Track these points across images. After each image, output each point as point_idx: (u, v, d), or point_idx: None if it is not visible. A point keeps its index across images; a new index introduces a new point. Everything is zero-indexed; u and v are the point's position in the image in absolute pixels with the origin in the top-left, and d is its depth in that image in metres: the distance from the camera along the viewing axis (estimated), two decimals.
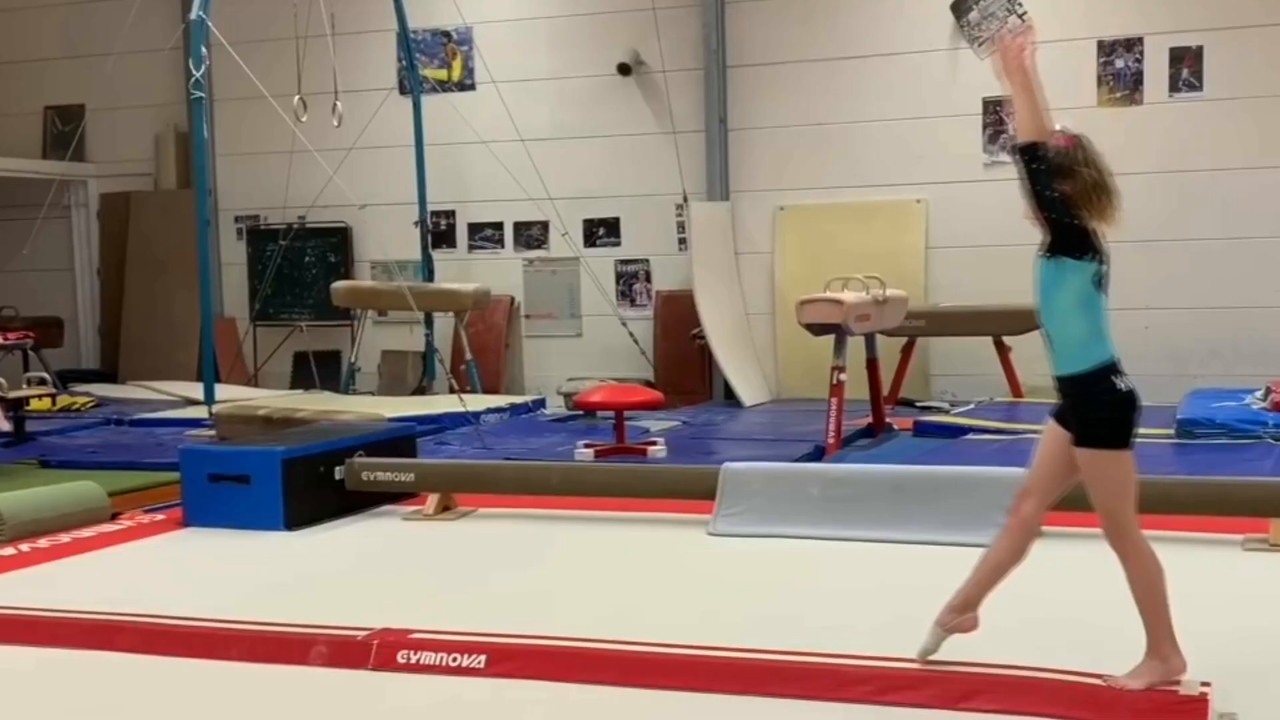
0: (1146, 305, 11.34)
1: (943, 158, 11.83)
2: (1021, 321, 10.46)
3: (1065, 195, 3.72)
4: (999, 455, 7.57)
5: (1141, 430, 3.81)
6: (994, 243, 11.66)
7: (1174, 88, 11.24)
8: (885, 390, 9.75)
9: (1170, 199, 11.21)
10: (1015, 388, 10.54)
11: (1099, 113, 11.40)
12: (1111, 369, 3.71)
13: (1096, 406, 3.70)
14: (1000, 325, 10.60)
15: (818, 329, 8.63)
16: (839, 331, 8.56)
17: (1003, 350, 10.61)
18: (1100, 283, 3.79)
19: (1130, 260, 11.32)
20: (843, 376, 8.53)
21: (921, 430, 9.11)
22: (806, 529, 5.85)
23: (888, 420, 9.36)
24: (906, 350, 10.87)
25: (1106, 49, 11.40)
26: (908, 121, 11.93)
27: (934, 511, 5.75)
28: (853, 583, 5.14)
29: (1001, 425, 8.95)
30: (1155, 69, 11.28)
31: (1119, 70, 11.36)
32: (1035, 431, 8.42)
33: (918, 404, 10.78)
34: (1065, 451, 3.80)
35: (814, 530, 5.83)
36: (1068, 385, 3.76)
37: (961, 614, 3.93)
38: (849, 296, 8.65)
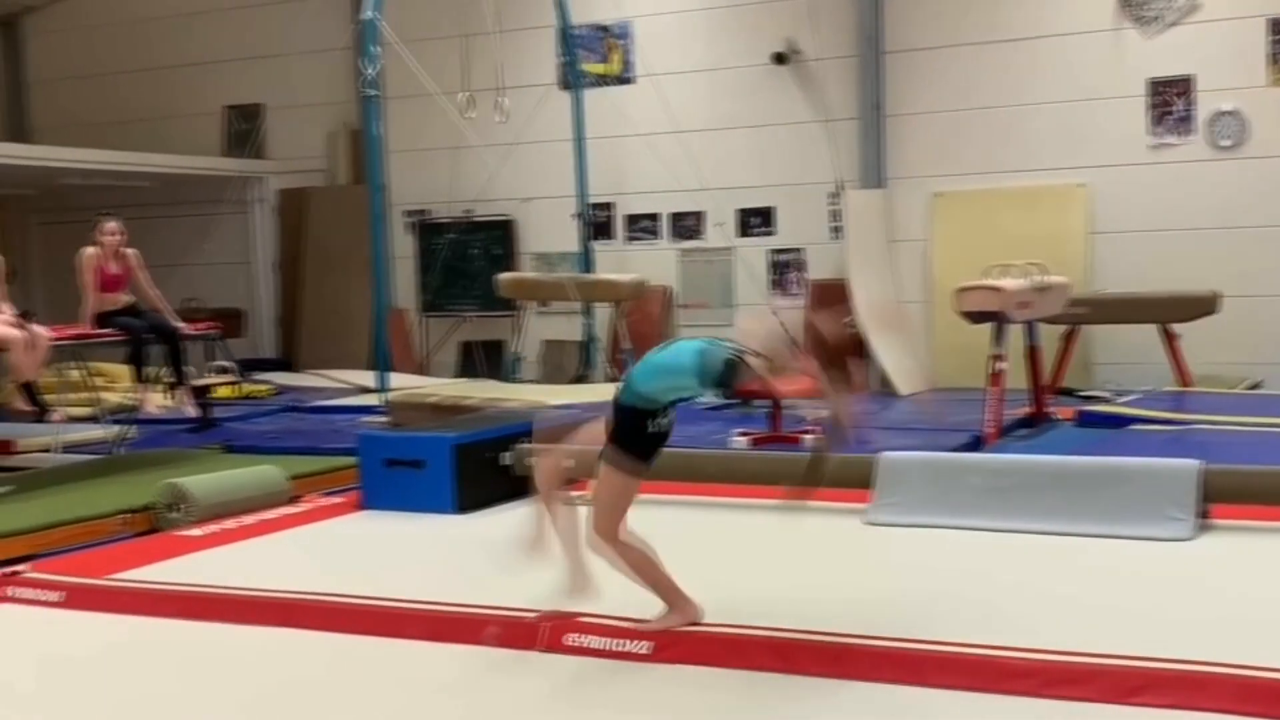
0: None
1: (1106, 140, 11.60)
2: (1189, 308, 10.26)
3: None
4: (1166, 446, 7.43)
5: None
6: (1160, 227, 11.42)
7: None
8: (1046, 379, 9.61)
9: None
10: (1183, 376, 10.28)
11: (1269, 93, 11.05)
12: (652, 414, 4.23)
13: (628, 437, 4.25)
14: (1167, 312, 10.35)
15: (976, 317, 8.54)
16: (999, 319, 8.46)
17: (1170, 338, 10.35)
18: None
19: None
20: (1002, 365, 8.43)
21: (1084, 420, 8.93)
22: (966, 519, 5.81)
23: (1049, 410, 9.23)
24: (1068, 338, 10.67)
25: (1277, 27, 11.00)
26: (1069, 104, 11.73)
27: (1098, 503, 5.68)
28: (1014, 574, 5.11)
29: (1169, 415, 8.74)
30: None
31: None
32: (1204, 422, 8.30)
33: (1080, 393, 10.58)
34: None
35: (974, 521, 5.79)
36: (618, 411, 4.29)
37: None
38: (1009, 283, 8.53)
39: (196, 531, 6.29)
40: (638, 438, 4.28)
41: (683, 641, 4.17)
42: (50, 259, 15.86)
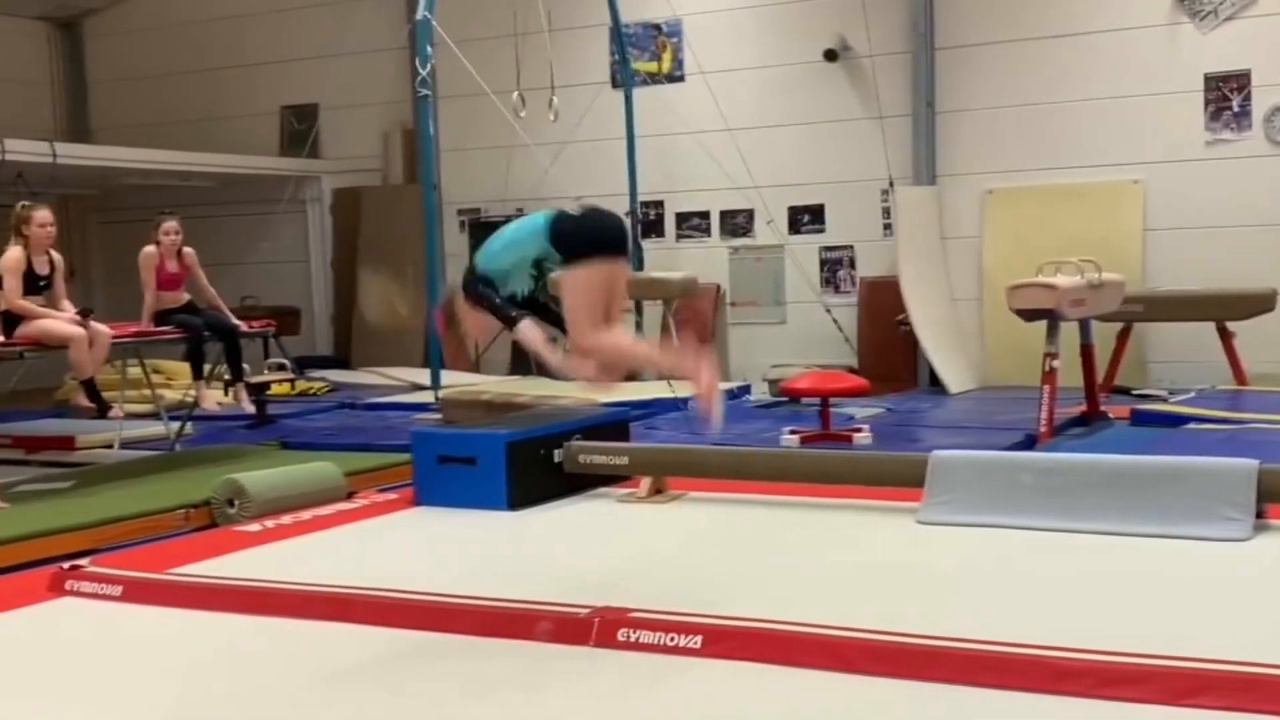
0: None
1: (1161, 136, 11.49)
2: (1245, 306, 10.16)
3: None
4: (1222, 446, 7.37)
5: None
6: (1216, 224, 11.30)
7: None
8: (1100, 377, 9.54)
9: None
10: (1239, 375, 10.17)
11: None
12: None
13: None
14: (1223, 310, 10.24)
15: (1029, 314, 8.49)
16: (1052, 317, 8.40)
17: (1225, 336, 10.25)
18: None
19: None
20: (1055, 363, 8.38)
21: (1139, 419, 8.88)
22: (1019, 519, 5.77)
23: (1102, 408, 9.17)
24: (1123, 336, 10.59)
25: None
26: (1124, 99, 11.63)
27: (1153, 503, 5.62)
28: (1068, 574, 5.08)
29: (1224, 414, 8.67)
30: None
31: None
32: (1261, 421, 8.21)
33: (1134, 392, 10.52)
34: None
35: (1027, 520, 5.75)
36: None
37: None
38: (1063, 281, 8.48)
39: (254, 527, 6.36)
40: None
41: (735, 638, 4.19)
42: (109, 258, 16.15)
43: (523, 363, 13.95)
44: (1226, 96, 11.27)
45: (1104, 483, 5.85)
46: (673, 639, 4.21)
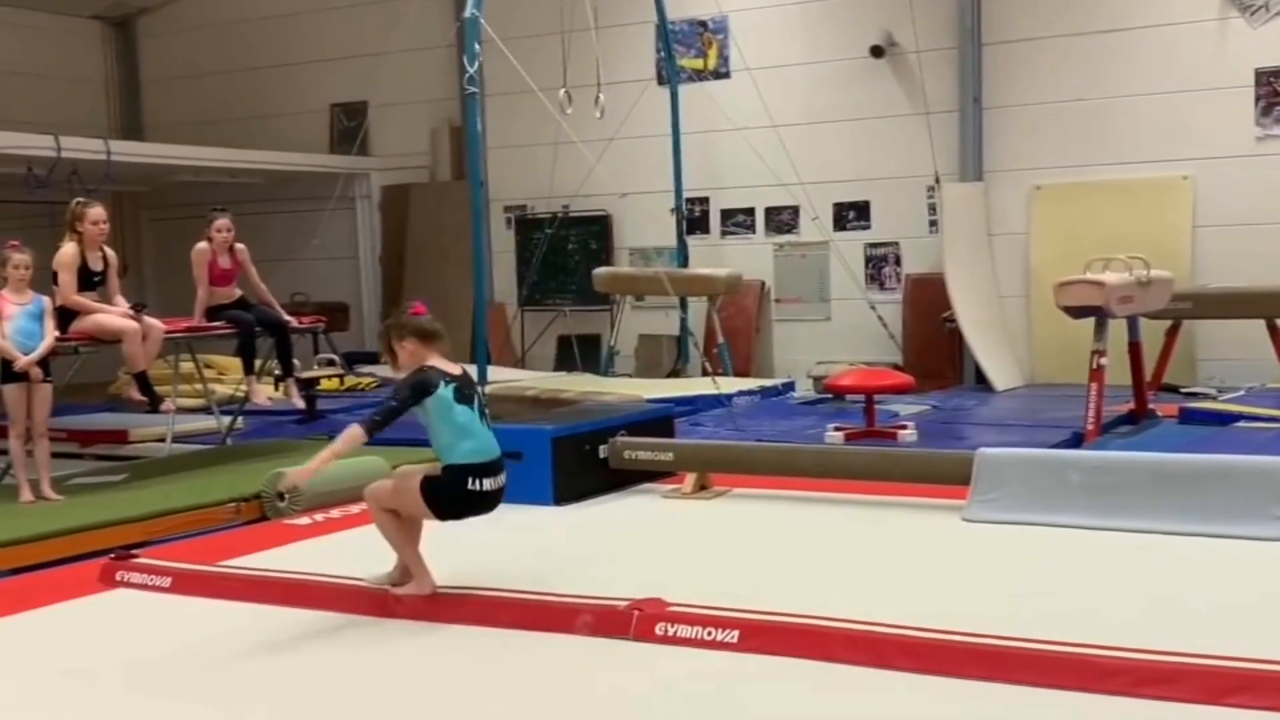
0: None
1: (1211, 132, 11.36)
2: None
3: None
4: (1272, 444, 7.32)
5: None
6: (1267, 220, 11.18)
7: None
8: (1148, 375, 9.46)
9: None
10: None
11: None
12: (470, 470, 4.84)
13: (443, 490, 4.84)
14: (1273, 307, 10.10)
15: (1077, 311, 8.42)
16: (1100, 314, 8.34)
17: (1275, 333, 10.11)
18: (460, 398, 4.91)
19: None
20: (1103, 361, 8.32)
21: (1188, 417, 8.82)
22: (1065, 517, 5.77)
23: (1151, 406, 9.10)
24: (1171, 333, 10.46)
25: None
26: (1173, 95, 11.51)
27: (1201, 502, 5.60)
28: (1113, 572, 5.06)
29: (1274, 413, 8.59)
30: None
31: None
32: None
33: (1183, 390, 10.42)
34: None
35: (1073, 519, 5.75)
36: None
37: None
38: (1111, 278, 8.41)
39: (303, 521, 6.47)
40: (455, 497, 4.87)
41: (772, 633, 4.21)
42: (161, 254, 16.37)
43: (568, 358, 14.05)
44: (1277, 92, 11.13)
45: (1152, 482, 5.82)
46: (710, 633, 4.25)
